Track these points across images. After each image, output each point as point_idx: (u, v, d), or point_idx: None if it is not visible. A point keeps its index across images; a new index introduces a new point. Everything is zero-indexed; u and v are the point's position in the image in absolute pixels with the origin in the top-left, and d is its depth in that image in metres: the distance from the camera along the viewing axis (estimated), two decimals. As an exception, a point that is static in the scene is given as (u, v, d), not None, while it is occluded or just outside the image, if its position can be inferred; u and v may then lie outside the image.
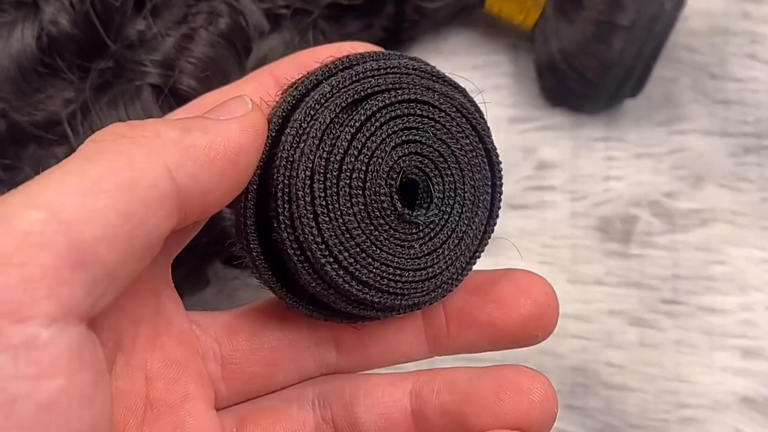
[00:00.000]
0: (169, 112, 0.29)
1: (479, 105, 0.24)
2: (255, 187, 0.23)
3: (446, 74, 0.24)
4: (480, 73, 0.43)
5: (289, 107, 0.23)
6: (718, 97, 0.43)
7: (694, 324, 0.39)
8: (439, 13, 0.42)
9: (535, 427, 0.23)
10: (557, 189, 0.41)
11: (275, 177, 0.22)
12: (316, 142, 0.22)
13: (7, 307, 0.17)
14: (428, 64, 0.24)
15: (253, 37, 0.34)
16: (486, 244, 0.25)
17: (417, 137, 0.23)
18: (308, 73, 0.24)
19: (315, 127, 0.22)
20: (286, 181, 0.22)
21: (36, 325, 0.17)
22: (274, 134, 0.23)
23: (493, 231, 0.25)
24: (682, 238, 0.40)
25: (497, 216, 0.25)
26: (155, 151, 0.20)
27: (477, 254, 0.25)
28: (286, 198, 0.22)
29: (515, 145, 0.42)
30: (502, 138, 0.41)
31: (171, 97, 0.33)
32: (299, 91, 0.23)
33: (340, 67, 0.23)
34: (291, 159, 0.22)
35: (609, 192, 0.41)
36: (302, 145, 0.22)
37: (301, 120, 0.22)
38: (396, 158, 0.23)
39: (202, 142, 0.21)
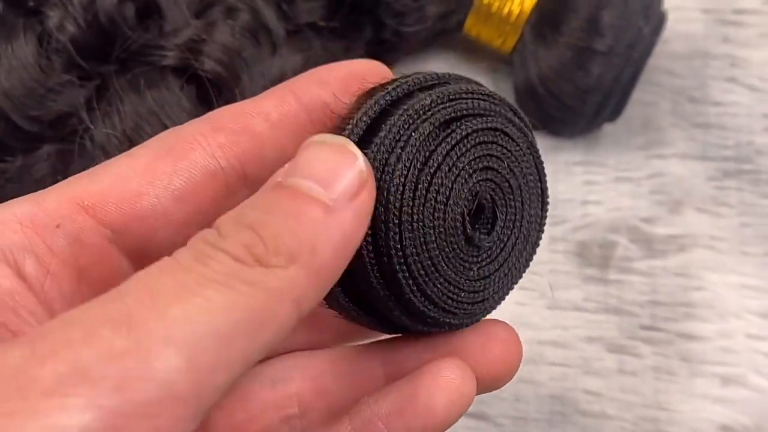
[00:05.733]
0: (192, 100, 0.27)
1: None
2: None
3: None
4: (459, 97, 0.43)
5: (379, 110, 0.22)
6: (698, 120, 0.43)
7: (673, 351, 0.38)
8: (418, 37, 0.42)
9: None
10: (536, 213, 0.41)
11: None
12: (414, 151, 0.22)
13: None
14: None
15: (276, 37, 0.34)
16: (520, 278, 0.26)
17: (495, 165, 0.23)
18: (394, 81, 0.23)
19: (415, 136, 0.22)
20: (375, 184, 0.22)
21: None
22: (361, 133, 0.22)
23: (528, 267, 0.26)
24: (661, 263, 0.40)
25: (535, 254, 0.26)
26: (289, 291, 0.18)
27: (513, 286, 0.25)
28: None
29: (494, 169, 0.42)
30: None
31: (193, 83, 0.33)
32: (391, 96, 0.23)
33: (431, 82, 0.23)
34: (385, 162, 0.22)
35: (587, 217, 0.41)
36: (399, 151, 0.22)
37: (399, 126, 0.22)
38: (476, 181, 0.23)
39: (327, 258, 0.19)
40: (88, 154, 0.31)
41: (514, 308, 0.39)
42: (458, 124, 0.22)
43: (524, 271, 0.25)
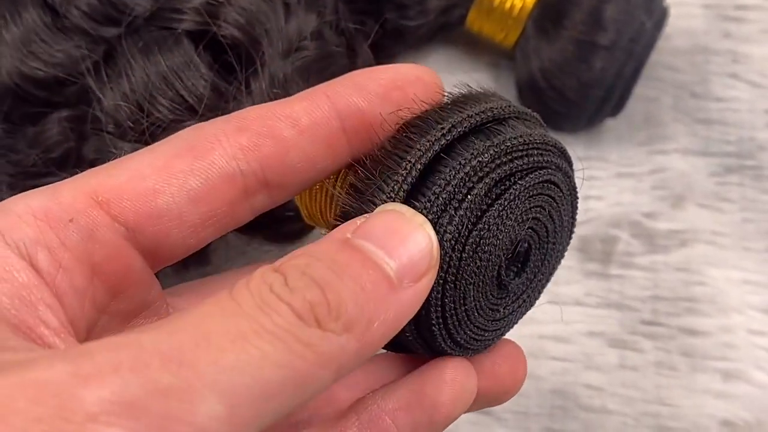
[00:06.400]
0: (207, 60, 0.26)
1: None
2: None
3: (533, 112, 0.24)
4: (460, 91, 0.43)
5: (432, 156, 0.21)
6: (700, 116, 0.43)
7: (674, 346, 0.38)
8: (420, 31, 0.42)
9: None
10: (537, 208, 0.41)
11: None
12: (467, 213, 0.21)
13: None
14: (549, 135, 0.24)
15: None
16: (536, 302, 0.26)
17: (539, 215, 0.23)
18: (444, 113, 0.22)
19: (470, 198, 0.21)
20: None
21: None
22: (413, 182, 0.21)
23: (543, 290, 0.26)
24: (662, 258, 0.40)
25: (564, 254, 0.26)
26: (336, 358, 0.18)
27: (528, 310, 0.25)
28: None
29: (495, 163, 0.42)
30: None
31: (208, 50, 0.31)
32: (446, 139, 0.21)
33: (486, 121, 0.22)
34: (436, 221, 0.21)
35: (589, 212, 0.41)
36: (452, 211, 0.21)
37: (455, 185, 0.21)
38: (518, 231, 0.23)
39: (378, 335, 0.19)
40: (100, 123, 0.30)
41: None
42: (513, 181, 0.22)
43: (540, 295, 0.25)
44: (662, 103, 0.43)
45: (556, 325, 0.39)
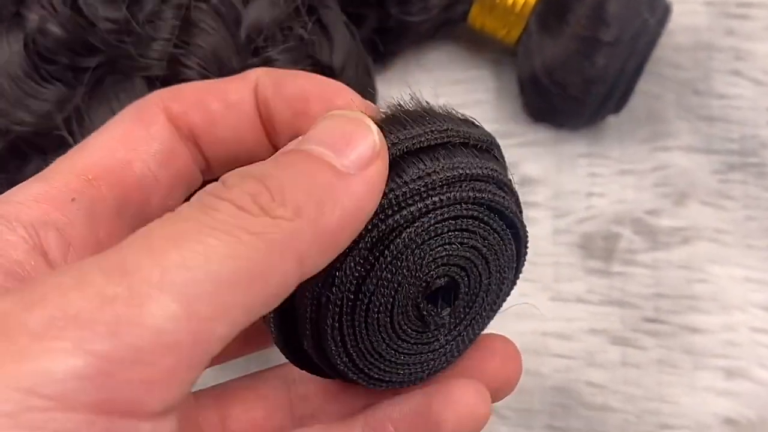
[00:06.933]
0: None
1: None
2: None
3: (481, 136, 0.22)
4: (462, 88, 0.43)
5: None
6: (702, 113, 0.43)
7: (676, 343, 0.38)
8: (422, 27, 0.41)
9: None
10: (540, 206, 0.41)
11: (303, 309, 0.21)
12: (346, 283, 0.20)
13: (121, 406, 0.16)
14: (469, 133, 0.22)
15: (237, 4, 0.33)
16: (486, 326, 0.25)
17: (445, 252, 0.22)
18: None
19: (344, 269, 0.20)
20: (313, 316, 0.21)
21: (140, 421, 0.16)
22: None
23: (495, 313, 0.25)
24: (665, 256, 0.40)
25: (517, 279, 0.25)
26: (292, 244, 0.18)
27: (477, 335, 0.25)
28: (315, 330, 0.21)
29: (498, 160, 0.42)
30: (484, 153, 0.41)
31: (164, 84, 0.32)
32: None
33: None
34: (318, 299, 0.21)
35: (591, 209, 0.41)
36: (331, 285, 0.20)
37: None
38: (423, 277, 0.22)
39: (334, 220, 0.18)
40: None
41: (517, 300, 0.39)
42: (394, 239, 0.20)
43: (507, 296, 0.24)
44: (665, 100, 0.43)
45: (559, 323, 0.39)
